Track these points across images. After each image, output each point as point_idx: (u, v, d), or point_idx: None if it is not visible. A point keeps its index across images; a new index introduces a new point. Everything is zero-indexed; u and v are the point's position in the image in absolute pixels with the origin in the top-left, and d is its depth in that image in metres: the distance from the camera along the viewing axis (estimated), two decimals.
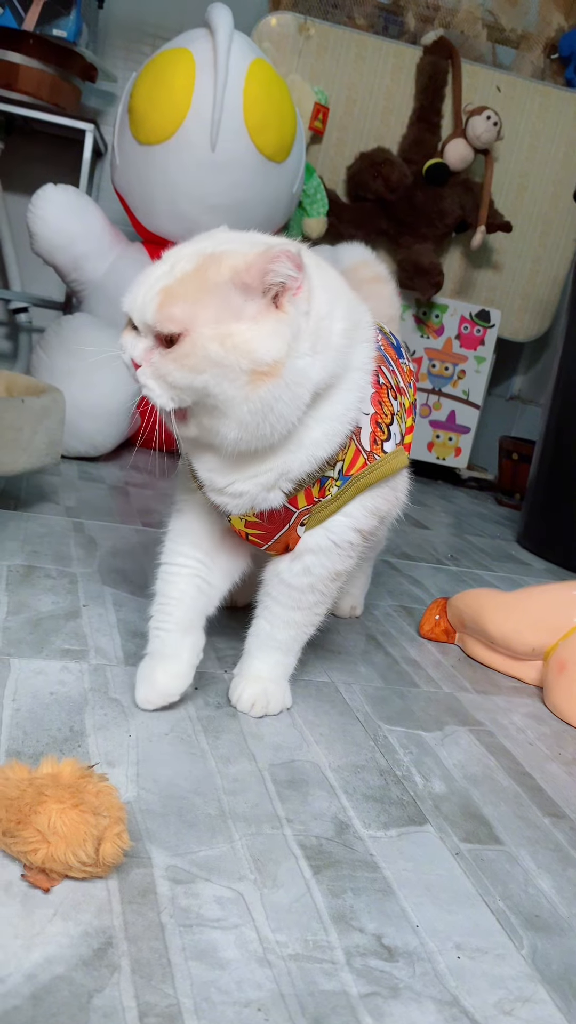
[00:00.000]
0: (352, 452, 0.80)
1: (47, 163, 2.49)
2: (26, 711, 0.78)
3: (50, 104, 2.18)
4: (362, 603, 1.22)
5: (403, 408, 0.88)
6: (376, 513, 0.85)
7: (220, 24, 1.76)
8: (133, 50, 2.51)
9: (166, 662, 0.83)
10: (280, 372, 0.68)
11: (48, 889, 0.57)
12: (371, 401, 0.81)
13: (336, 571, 0.85)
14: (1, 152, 2.36)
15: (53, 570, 1.13)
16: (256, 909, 0.60)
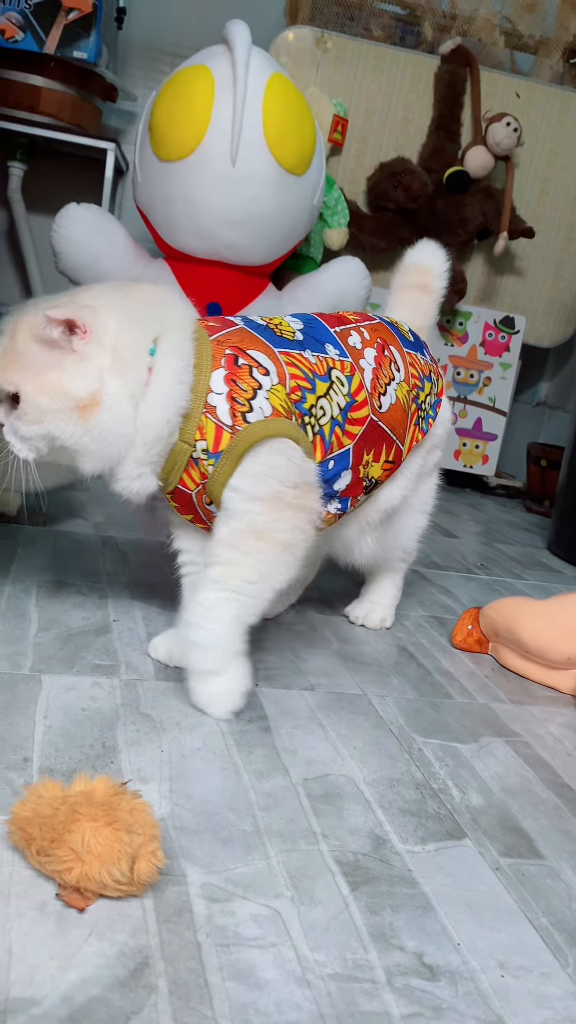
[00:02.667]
0: (213, 430, 0.85)
1: (70, 183, 2.52)
2: (58, 727, 0.78)
3: (71, 125, 2.21)
4: (392, 614, 1.21)
5: (410, 395, 1.02)
6: (271, 477, 0.85)
7: (238, 40, 1.77)
8: (152, 69, 2.53)
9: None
10: (100, 400, 0.80)
11: (83, 908, 0.57)
12: (224, 381, 0.86)
13: (255, 529, 0.85)
14: (24, 173, 2.39)
15: (83, 585, 1.13)
16: (294, 927, 0.59)
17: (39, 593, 1.08)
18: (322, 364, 0.93)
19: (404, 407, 1.01)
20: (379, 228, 2.33)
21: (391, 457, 1.01)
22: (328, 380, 0.92)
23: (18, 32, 2.10)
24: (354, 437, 0.95)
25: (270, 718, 0.87)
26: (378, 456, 0.99)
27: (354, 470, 0.96)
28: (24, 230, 2.44)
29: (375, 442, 0.98)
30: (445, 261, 1.21)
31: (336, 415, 0.93)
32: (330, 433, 0.92)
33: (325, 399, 0.92)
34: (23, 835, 0.59)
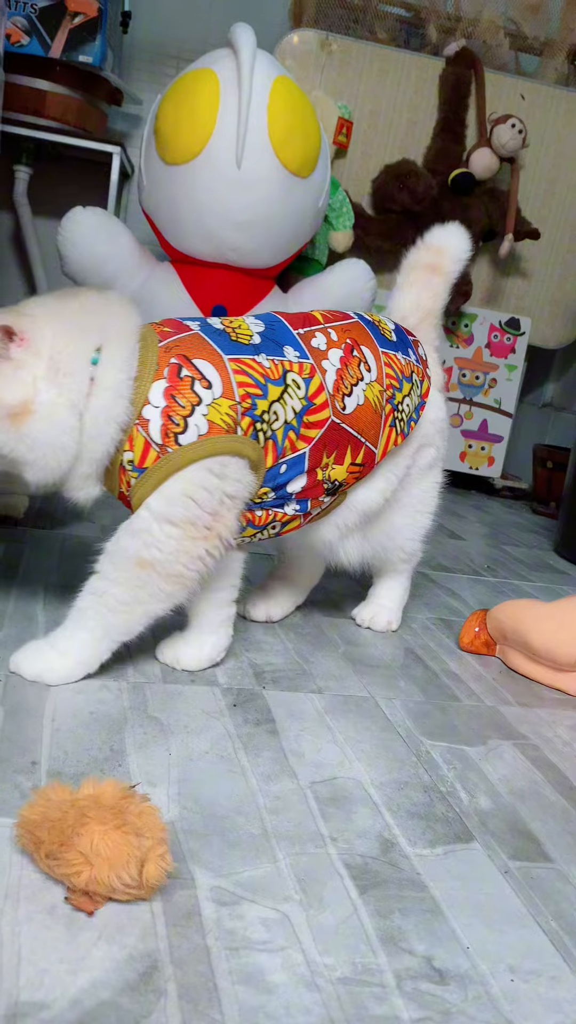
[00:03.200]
0: (141, 444, 0.85)
1: (75, 187, 2.52)
2: (66, 731, 0.78)
3: (77, 128, 2.21)
4: (398, 616, 1.21)
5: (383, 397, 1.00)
6: (190, 500, 0.85)
7: (243, 43, 1.77)
8: (157, 72, 2.54)
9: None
10: (33, 408, 0.80)
11: (92, 912, 0.57)
12: (163, 395, 0.85)
13: (140, 557, 0.85)
14: (30, 177, 2.39)
15: None
16: (302, 931, 0.59)
17: (47, 596, 1.08)
18: (277, 368, 0.91)
19: (375, 408, 0.98)
20: (384, 230, 2.33)
21: (359, 460, 0.98)
22: (282, 384, 0.90)
23: (24, 37, 2.11)
24: (310, 440, 0.93)
25: (277, 721, 0.87)
26: (341, 458, 0.96)
27: (311, 473, 0.94)
28: (30, 234, 2.45)
29: (337, 444, 0.95)
30: (464, 244, 1.17)
31: (290, 419, 0.91)
32: (283, 437, 0.91)
33: (279, 403, 0.90)
34: (32, 839, 0.59)
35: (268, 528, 0.96)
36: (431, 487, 1.15)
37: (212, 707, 0.87)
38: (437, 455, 1.14)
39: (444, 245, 1.16)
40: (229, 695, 0.90)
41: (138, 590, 0.85)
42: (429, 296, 1.15)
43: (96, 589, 0.86)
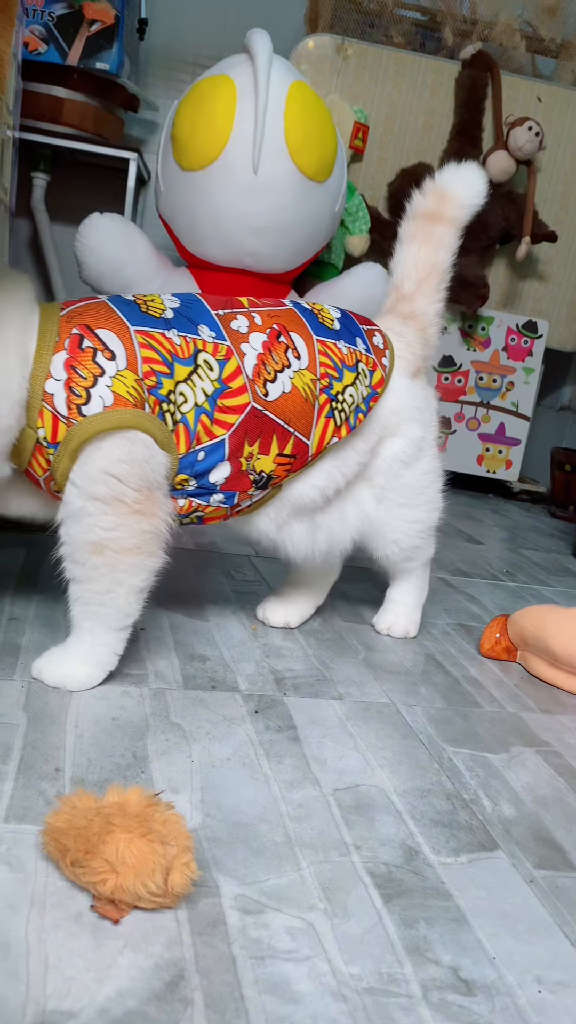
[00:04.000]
0: (50, 419, 0.83)
1: (92, 193, 2.53)
2: (89, 737, 0.78)
3: (94, 135, 2.23)
4: (416, 621, 1.20)
5: (315, 385, 0.94)
6: (110, 476, 0.83)
7: (259, 49, 1.78)
8: (174, 79, 2.55)
9: None
10: None
11: (118, 920, 0.57)
12: (64, 367, 0.83)
13: (90, 542, 0.84)
14: (47, 184, 2.41)
15: None
16: (328, 940, 0.59)
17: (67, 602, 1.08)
18: (188, 346, 0.88)
19: (305, 397, 0.93)
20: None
21: (288, 451, 0.94)
22: (192, 364, 0.87)
23: (41, 44, 2.12)
24: (229, 427, 0.89)
25: (299, 727, 0.87)
26: (267, 448, 0.92)
27: (233, 462, 0.91)
28: (47, 240, 2.46)
29: (260, 432, 0.91)
30: (474, 188, 1.07)
31: (201, 402, 0.88)
32: (195, 422, 0.88)
33: (186, 384, 0.87)
34: (57, 846, 0.59)
35: (192, 515, 0.94)
36: (417, 479, 1.08)
37: (233, 714, 0.87)
38: (413, 445, 1.05)
39: (448, 190, 1.06)
40: (250, 702, 0.90)
41: (108, 575, 0.85)
42: (430, 250, 1.06)
43: (75, 594, 0.87)
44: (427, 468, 1.09)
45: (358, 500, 1.05)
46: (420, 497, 1.09)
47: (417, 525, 1.10)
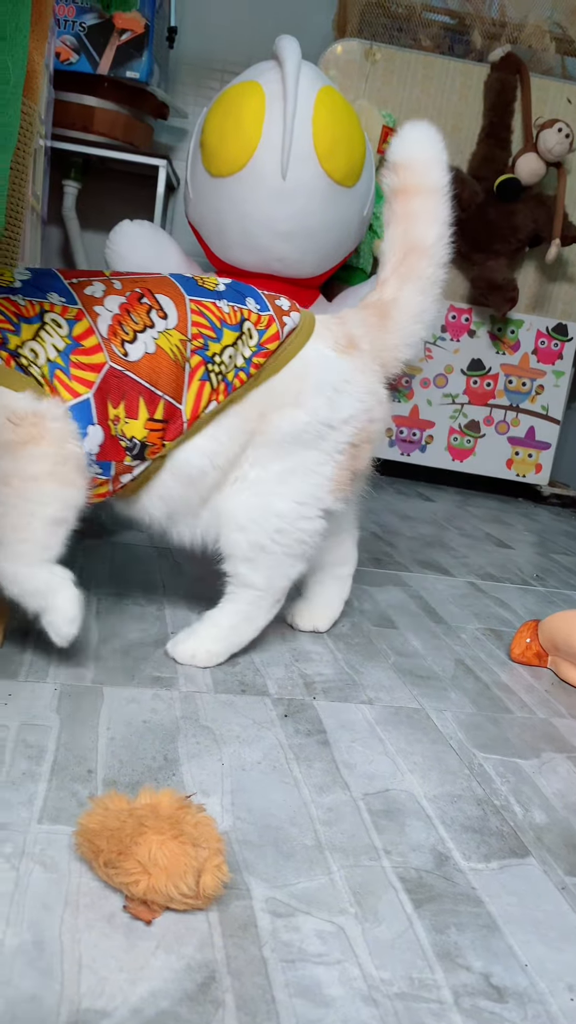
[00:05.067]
0: None
1: (122, 200, 2.56)
2: (120, 739, 0.79)
3: (124, 143, 2.25)
4: (215, 654, 0.99)
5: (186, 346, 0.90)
6: None
7: (288, 55, 1.79)
8: (203, 86, 2.57)
9: None
10: None
11: (150, 921, 0.57)
12: None
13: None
14: (78, 192, 2.43)
15: (141, 597, 1.14)
16: (358, 944, 0.59)
17: (99, 605, 1.09)
18: (33, 307, 0.86)
19: (174, 359, 0.89)
20: None
21: (159, 415, 0.89)
22: (38, 322, 0.85)
23: (73, 55, 2.15)
24: (91, 384, 0.86)
25: (328, 732, 0.87)
26: (133, 411, 0.88)
27: (103, 426, 0.88)
28: (78, 247, 2.49)
29: (124, 394, 0.88)
30: (427, 143, 0.98)
31: (53, 357, 0.85)
32: (51, 375, 0.85)
33: (35, 342, 0.84)
34: (90, 847, 0.59)
35: None
36: (303, 471, 0.96)
37: (263, 717, 0.87)
38: (315, 424, 0.94)
39: (404, 158, 0.98)
40: (280, 705, 0.91)
41: (19, 505, 0.84)
42: (407, 225, 0.99)
43: None
44: (318, 465, 0.96)
45: (245, 475, 0.96)
46: (294, 491, 0.96)
47: (275, 521, 0.95)
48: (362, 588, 1.34)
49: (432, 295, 1.02)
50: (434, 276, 1.01)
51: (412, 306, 1.01)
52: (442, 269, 1.02)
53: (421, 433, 2.47)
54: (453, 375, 2.45)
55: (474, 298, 2.40)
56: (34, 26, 0.91)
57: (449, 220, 1.00)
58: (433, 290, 1.02)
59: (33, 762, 0.73)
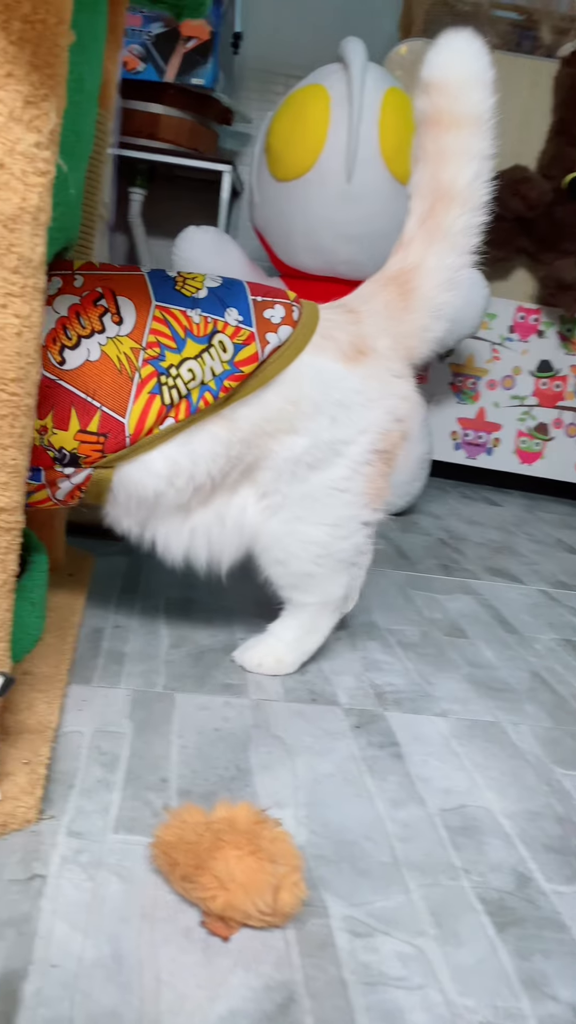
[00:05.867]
0: None
1: (186, 206, 2.58)
2: (193, 748, 0.78)
3: (189, 149, 2.26)
4: (289, 664, 0.96)
5: (138, 356, 0.80)
6: None
7: (354, 58, 1.77)
8: (267, 90, 2.57)
9: None
10: None
11: (227, 937, 0.56)
12: None
13: None
14: (144, 198, 2.46)
15: (209, 602, 1.14)
16: (440, 969, 0.57)
17: (168, 610, 1.09)
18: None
19: (119, 368, 0.80)
20: (496, 238, 2.28)
21: (93, 427, 0.80)
22: None
23: (139, 63, 2.17)
24: None
25: (402, 744, 0.85)
26: (63, 422, 0.80)
27: None
28: (144, 253, 2.51)
29: (53, 403, 0.80)
30: (471, 60, 0.82)
31: None
32: None
33: None
34: (167, 859, 0.59)
35: None
36: (323, 490, 0.88)
37: (335, 728, 0.86)
38: (322, 447, 0.86)
39: (438, 77, 0.81)
40: (351, 716, 0.89)
41: None
42: (436, 165, 0.84)
43: None
44: (342, 482, 0.88)
45: (244, 504, 0.90)
46: (323, 515, 0.89)
47: (312, 548, 0.90)
48: (431, 596, 1.32)
49: (466, 251, 0.88)
50: (468, 226, 0.86)
51: (441, 271, 0.88)
52: (479, 214, 0.86)
53: (487, 436, 2.42)
54: (521, 377, 2.40)
55: (543, 298, 2.35)
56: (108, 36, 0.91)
57: (490, 154, 0.84)
58: (468, 243, 0.87)
59: (107, 770, 0.73)
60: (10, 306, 0.57)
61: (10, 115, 0.54)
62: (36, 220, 0.58)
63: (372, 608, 1.23)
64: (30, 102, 0.55)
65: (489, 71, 0.83)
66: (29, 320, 0.59)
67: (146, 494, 0.85)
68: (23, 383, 0.60)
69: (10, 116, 0.54)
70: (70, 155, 0.75)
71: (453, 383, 2.39)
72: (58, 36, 0.55)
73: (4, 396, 0.59)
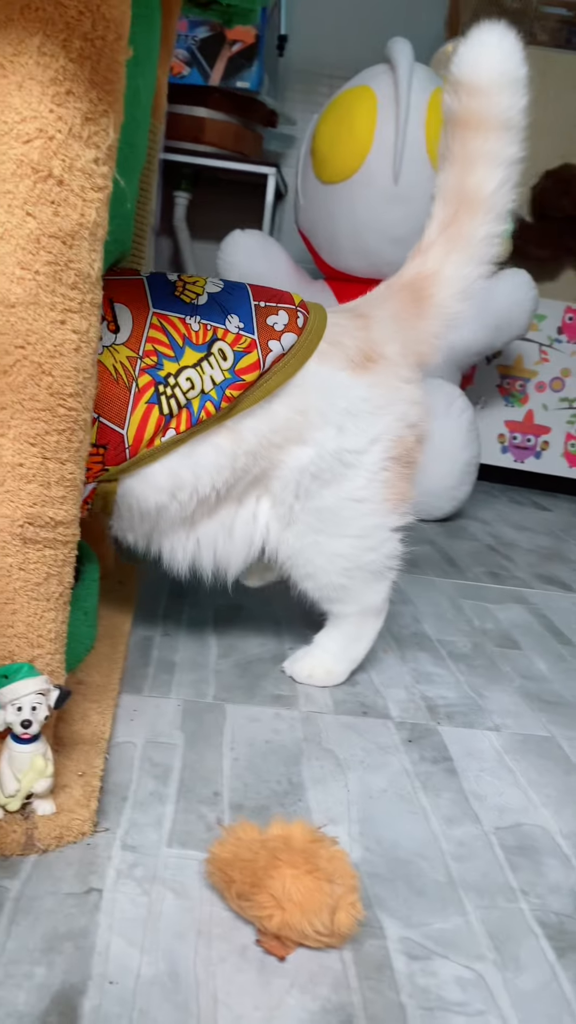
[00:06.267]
0: None
1: (231, 209, 2.58)
2: (244, 760, 0.78)
3: (234, 152, 2.26)
4: (338, 674, 0.96)
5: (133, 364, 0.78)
6: None
7: (401, 58, 1.76)
8: (311, 92, 2.56)
9: None
10: None
11: (283, 957, 0.56)
12: None
13: None
14: (188, 202, 2.47)
15: (257, 611, 1.14)
16: (500, 995, 0.56)
17: (216, 619, 1.09)
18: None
19: (116, 377, 0.77)
20: (545, 238, 2.25)
21: (95, 439, 0.77)
22: None
23: (185, 68, 2.18)
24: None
25: (455, 759, 0.84)
26: None
27: None
28: (188, 257, 2.52)
29: None
30: (504, 59, 0.77)
31: None
32: None
33: None
34: (223, 876, 0.59)
35: None
36: (341, 503, 0.86)
37: (387, 742, 0.85)
38: (329, 458, 0.84)
39: (468, 76, 0.77)
40: (403, 730, 0.88)
41: None
42: (463, 170, 0.81)
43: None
44: (359, 492, 0.86)
45: (253, 514, 0.88)
46: (344, 527, 0.87)
47: (339, 561, 0.89)
48: (481, 605, 1.30)
49: (485, 261, 0.86)
50: (488, 236, 0.84)
51: (459, 280, 0.86)
52: (500, 223, 0.84)
53: (536, 439, 2.39)
54: (570, 379, 2.36)
55: None
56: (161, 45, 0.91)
57: (518, 160, 0.80)
58: (487, 254, 0.85)
59: (160, 782, 0.73)
60: (68, 322, 0.58)
61: (69, 132, 0.54)
62: (94, 236, 0.58)
63: (422, 618, 1.22)
64: (89, 119, 0.55)
65: (523, 70, 0.78)
66: (87, 335, 0.59)
67: (148, 507, 0.83)
68: (80, 398, 0.60)
69: (69, 133, 0.54)
70: (124, 167, 0.75)
71: (501, 385, 2.36)
72: (117, 52, 0.55)
73: (62, 411, 0.59)
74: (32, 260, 0.55)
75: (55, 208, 0.55)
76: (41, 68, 0.52)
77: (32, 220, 0.54)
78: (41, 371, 0.57)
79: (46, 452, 0.59)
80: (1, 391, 0.57)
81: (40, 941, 0.54)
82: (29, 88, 0.52)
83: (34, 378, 0.57)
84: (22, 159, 0.53)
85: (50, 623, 0.63)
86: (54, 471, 0.60)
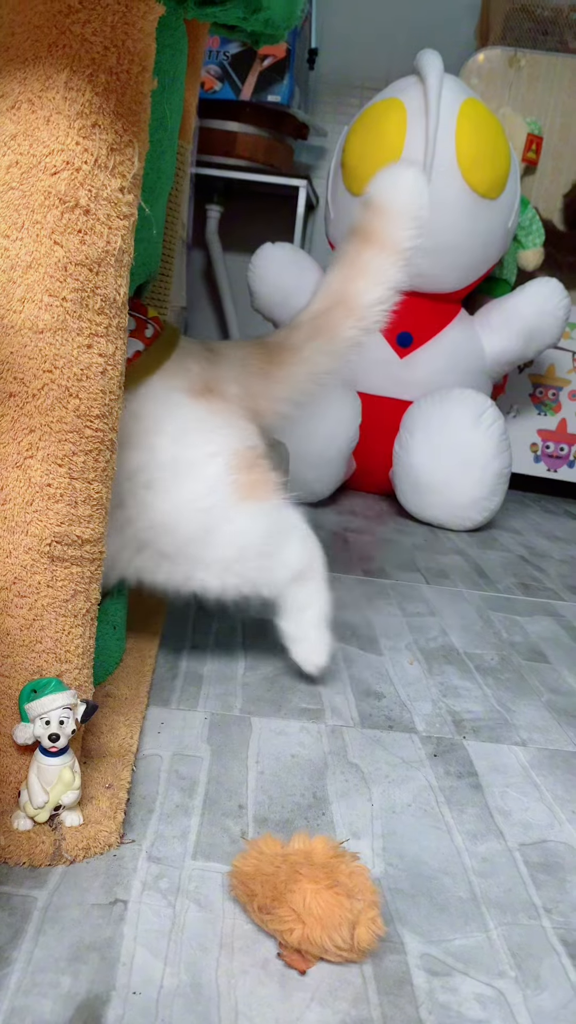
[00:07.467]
0: None
1: (263, 221, 2.60)
2: (269, 774, 0.79)
3: (265, 165, 2.29)
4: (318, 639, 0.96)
5: None
6: None
7: (430, 70, 1.77)
8: (342, 103, 2.58)
9: None
10: None
11: (304, 971, 0.57)
12: None
13: None
14: (221, 215, 2.49)
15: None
16: (520, 1013, 0.56)
17: (244, 631, 1.10)
18: None
19: None
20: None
21: None
22: None
23: (216, 83, 2.21)
24: None
25: (480, 774, 0.84)
26: None
27: None
28: (220, 269, 2.55)
29: None
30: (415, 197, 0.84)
31: None
32: None
33: None
34: (245, 890, 0.59)
35: None
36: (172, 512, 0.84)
37: (412, 756, 0.86)
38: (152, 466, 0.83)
39: (380, 201, 0.84)
40: (429, 744, 0.88)
41: None
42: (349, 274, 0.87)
43: None
44: (201, 501, 0.83)
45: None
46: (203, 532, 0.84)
47: (222, 563, 0.86)
48: (510, 617, 1.30)
49: (344, 360, 0.89)
50: (354, 340, 0.88)
51: (314, 365, 0.89)
52: (368, 334, 0.88)
53: (569, 448, 2.37)
54: None
55: None
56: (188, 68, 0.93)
57: (398, 285, 0.86)
58: (348, 355, 0.89)
59: (186, 795, 0.74)
60: (95, 346, 0.59)
61: (95, 163, 0.56)
62: (120, 262, 0.59)
63: (449, 630, 1.22)
64: (115, 149, 0.56)
65: (425, 212, 0.86)
66: (113, 359, 0.61)
67: None
68: (107, 419, 0.61)
69: (95, 164, 0.56)
70: (151, 192, 0.77)
71: (533, 394, 2.34)
72: (141, 84, 0.56)
73: (89, 432, 0.61)
74: (60, 287, 0.57)
75: (82, 237, 0.56)
76: (68, 102, 0.54)
77: (60, 249, 0.56)
78: (68, 394, 0.59)
79: (73, 472, 0.61)
80: (30, 414, 0.59)
81: (66, 951, 0.56)
82: (56, 122, 0.54)
83: (61, 401, 0.59)
84: (50, 190, 0.55)
85: (77, 639, 0.64)
86: (81, 491, 0.61)
